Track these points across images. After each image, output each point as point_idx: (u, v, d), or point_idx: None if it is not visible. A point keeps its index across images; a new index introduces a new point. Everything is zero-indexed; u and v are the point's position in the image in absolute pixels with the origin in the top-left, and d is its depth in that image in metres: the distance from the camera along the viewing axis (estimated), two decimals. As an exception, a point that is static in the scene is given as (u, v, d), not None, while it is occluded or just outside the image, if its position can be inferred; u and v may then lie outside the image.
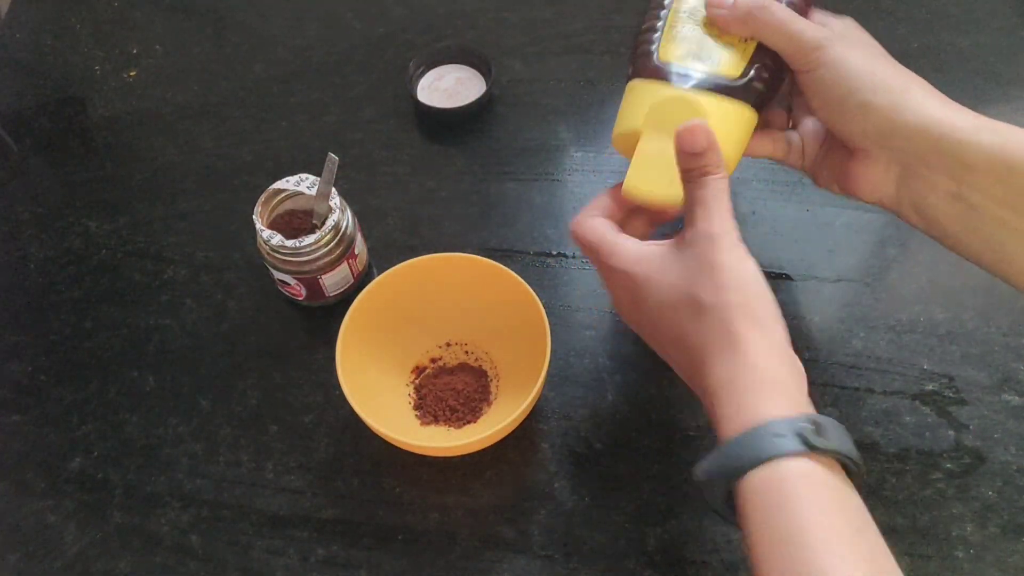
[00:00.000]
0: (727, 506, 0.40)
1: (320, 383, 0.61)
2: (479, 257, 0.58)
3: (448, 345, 0.62)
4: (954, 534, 0.53)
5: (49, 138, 0.77)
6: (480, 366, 0.61)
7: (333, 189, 0.60)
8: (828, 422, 0.38)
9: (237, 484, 0.57)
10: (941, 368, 0.60)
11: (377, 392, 0.57)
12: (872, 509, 0.54)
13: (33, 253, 0.69)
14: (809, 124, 0.54)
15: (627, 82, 0.51)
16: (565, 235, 0.68)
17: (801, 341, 0.61)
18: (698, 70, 0.49)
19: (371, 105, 0.77)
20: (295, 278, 0.60)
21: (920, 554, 0.52)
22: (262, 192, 0.60)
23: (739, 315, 0.40)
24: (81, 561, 0.54)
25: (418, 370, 0.61)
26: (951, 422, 0.57)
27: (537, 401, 0.55)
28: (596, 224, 0.48)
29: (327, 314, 0.63)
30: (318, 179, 0.61)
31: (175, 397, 0.61)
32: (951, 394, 0.59)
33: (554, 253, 0.67)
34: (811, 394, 0.40)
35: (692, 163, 0.44)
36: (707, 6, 0.49)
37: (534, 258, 0.67)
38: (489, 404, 0.59)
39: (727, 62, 0.49)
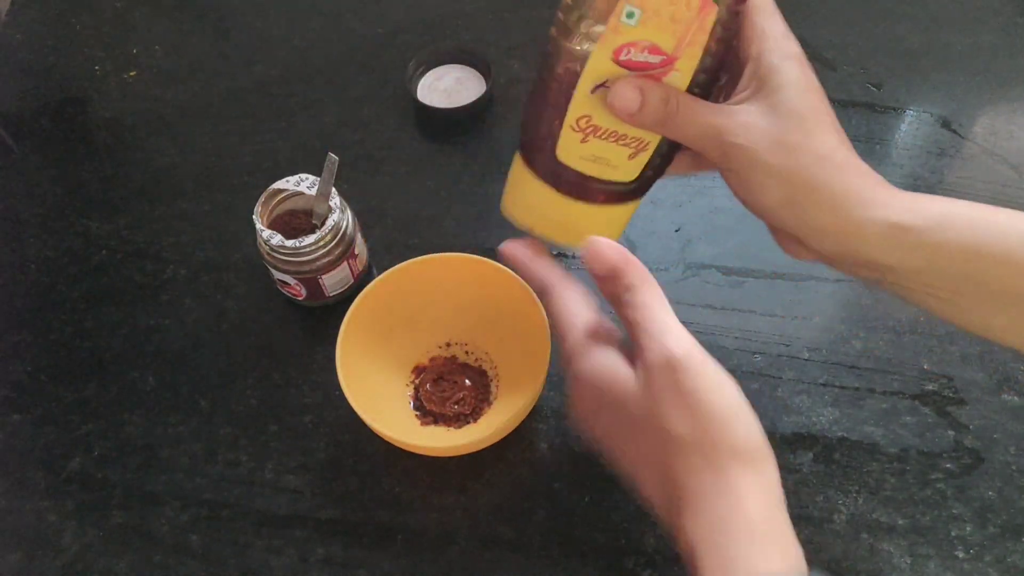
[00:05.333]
0: None
1: (320, 383, 0.61)
2: (479, 257, 0.58)
3: (448, 345, 0.62)
4: (954, 534, 0.53)
5: (49, 138, 0.77)
6: (480, 366, 0.61)
7: (333, 189, 0.60)
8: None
9: (236, 484, 0.57)
10: (941, 368, 0.60)
11: (377, 392, 0.57)
12: (872, 509, 0.54)
13: (33, 253, 0.69)
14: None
15: (519, 153, 0.44)
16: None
17: (801, 341, 0.61)
18: (595, 177, 0.43)
19: (371, 105, 0.77)
20: (295, 278, 0.60)
21: (920, 554, 0.52)
22: (262, 192, 0.60)
23: (728, 455, 0.36)
24: (81, 560, 0.54)
25: (418, 370, 0.61)
26: (951, 422, 0.57)
27: (537, 401, 0.55)
28: (572, 305, 0.42)
29: (327, 314, 0.63)
30: (318, 179, 0.61)
31: (175, 397, 0.61)
32: (951, 394, 0.59)
33: (554, 253, 0.67)
34: (810, 393, 0.40)
35: (611, 287, 0.40)
36: (612, 109, 0.39)
37: (534, 258, 0.67)
38: (489, 404, 0.59)
39: (625, 169, 0.43)
